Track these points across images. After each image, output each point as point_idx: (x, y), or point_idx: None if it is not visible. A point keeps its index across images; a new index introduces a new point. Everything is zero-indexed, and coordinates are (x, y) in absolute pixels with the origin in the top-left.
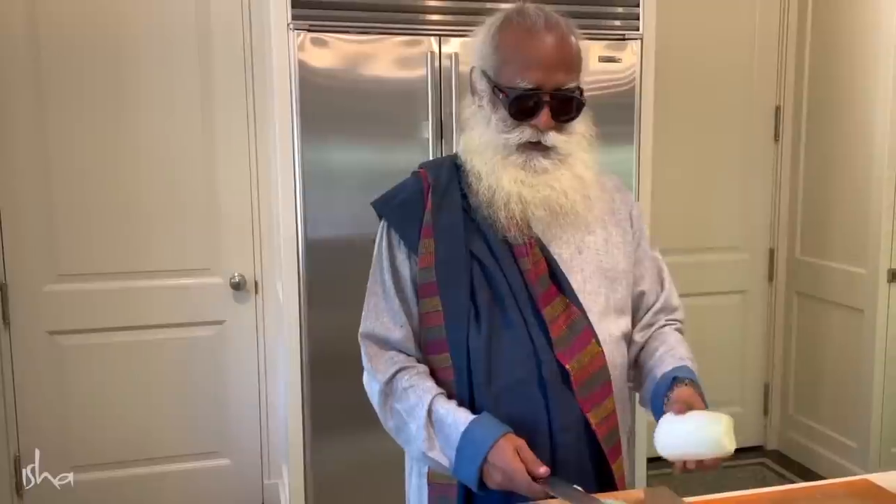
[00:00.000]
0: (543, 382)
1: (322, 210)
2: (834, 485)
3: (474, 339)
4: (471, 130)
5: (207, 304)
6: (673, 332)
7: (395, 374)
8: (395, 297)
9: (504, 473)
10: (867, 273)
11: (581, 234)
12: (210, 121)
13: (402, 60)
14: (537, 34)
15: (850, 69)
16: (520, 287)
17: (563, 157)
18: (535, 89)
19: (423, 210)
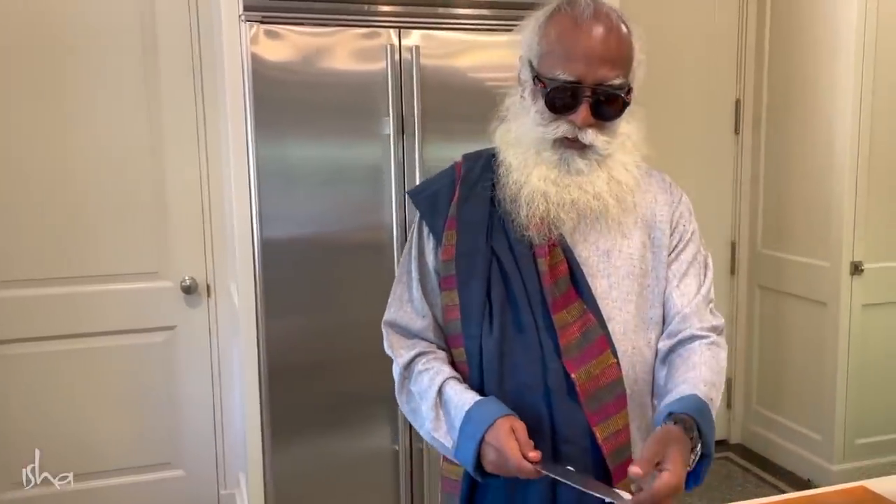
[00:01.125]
0: (548, 390)
1: (279, 208)
2: (831, 493)
3: (487, 338)
4: (508, 122)
5: (157, 309)
6: (703, 346)
7: (415, 357)
8: (419, 288)
9: (498, 452)
10: (829, 266)
11: (613, 237)
12: (157, 117)
13: (360, 53)
14: (583, 25)
15: (810, 62)
16: (535, 289)
17: (601, 159)
18: (575, 82)
19: (451, 201)
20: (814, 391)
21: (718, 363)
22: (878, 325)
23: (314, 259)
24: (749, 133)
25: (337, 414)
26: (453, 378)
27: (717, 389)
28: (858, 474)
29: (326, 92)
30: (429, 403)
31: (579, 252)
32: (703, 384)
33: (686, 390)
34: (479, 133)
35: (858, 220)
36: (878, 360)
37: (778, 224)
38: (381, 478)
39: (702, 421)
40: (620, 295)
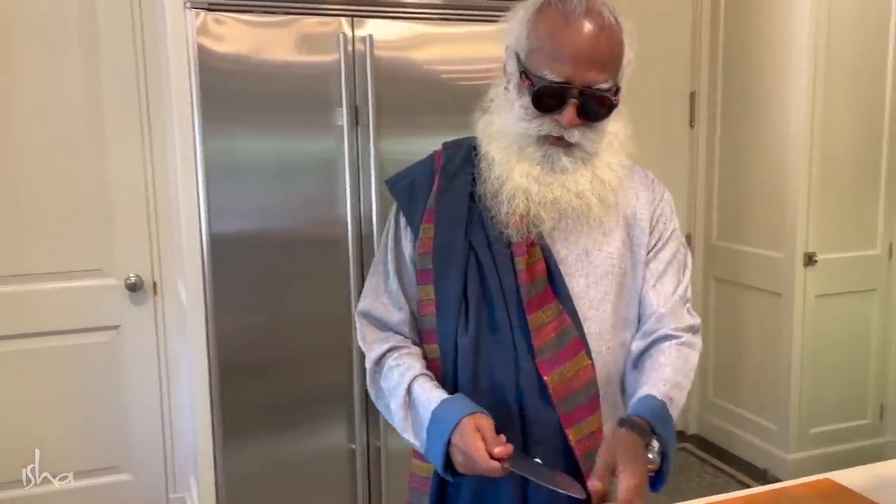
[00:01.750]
0: (520, 390)
1: (227, 202)
2: (797, 486)
3: (462, 335)
4: (491, 114)
5: (101, 308)
6: (674, 347)
7: (387, 352)
8: (396, 280)
9: (464, 454)
10: (784, 257)
11: (593, 236)
12: (98, 109)
13: (311, 43)
14: (573, 23)
15: (764, 55)
16: (511, 287)
17: (587, 157)
18: (563, 83)
19: (429, 192)
20: (769, 381)
21: (686, 363)
22: (831, 315)
23: (265, 255)
24: (704, 126)
25: (290, 413)
26: (423, 375)
27: (681, 388)
28: (813, 463)
29: (277, 83)
30: (398, 401)
31: (558, 250)
32: (664, 384)
33: (644, 391)
34: (434, 125)
35: (812, 212)
36: (830, 350)
37: (733, 216)
38: (337, 477)
39: (656, 421)
40: (598, 294)
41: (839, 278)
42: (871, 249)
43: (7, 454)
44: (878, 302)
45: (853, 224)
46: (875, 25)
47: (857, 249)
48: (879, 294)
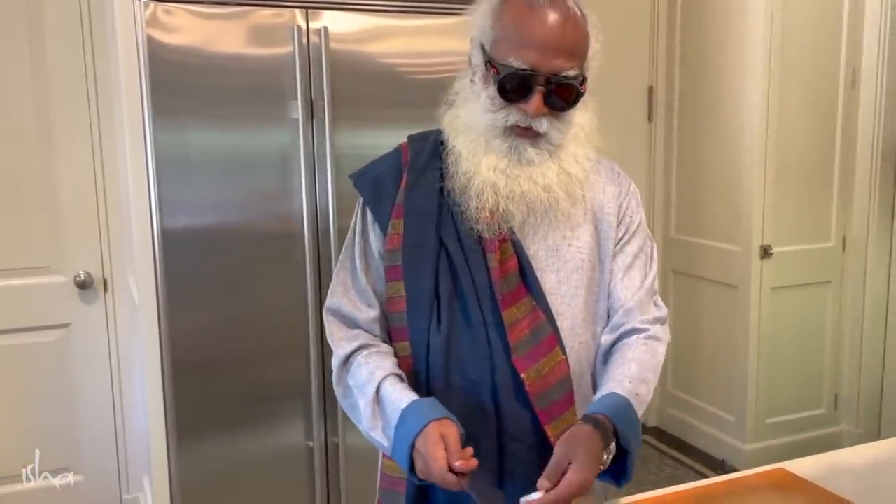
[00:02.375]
0: (495, 387)
1: (180, 197)
2: (752, 476)
3: (435, 333)
4: (457, 107)
5: (49, 306)
6: (640, 341)
7: (355, 350)
8: (364, 277)
9: (424, 461)
10: (740, 250)
11: (562, 231)
12: (44, 102)
13: (265, 35)
14: (538, 11)
15: (721, 49)
16: (484, 285)
17: (553, 149)
18: (529, 71)
19: (397, 187)
20: (726, 373)
21: (653, 357)
22: (787, 307)
23: (219, 250)
24: (662, 120)
25: (246, 411)
26: (394, 375)
27: (648, 383)
28: (769, 452)
29: (230, 75)
30: (366, 399)
31: (528, 246)
32: (629, 380)
33: (609, 388)
34: (391, 119)
35: (767, 206)
36: (786, 341)
37: (691, 210)
38: (295, 475)
39: (620, 420)
40: (569, 290)
41: (794, 271)
42: (825, 242)
43: None
44: (832, 294)
45: (808, 217)
46: (828, 22)
47: (811, 242)
48: (833, 286)
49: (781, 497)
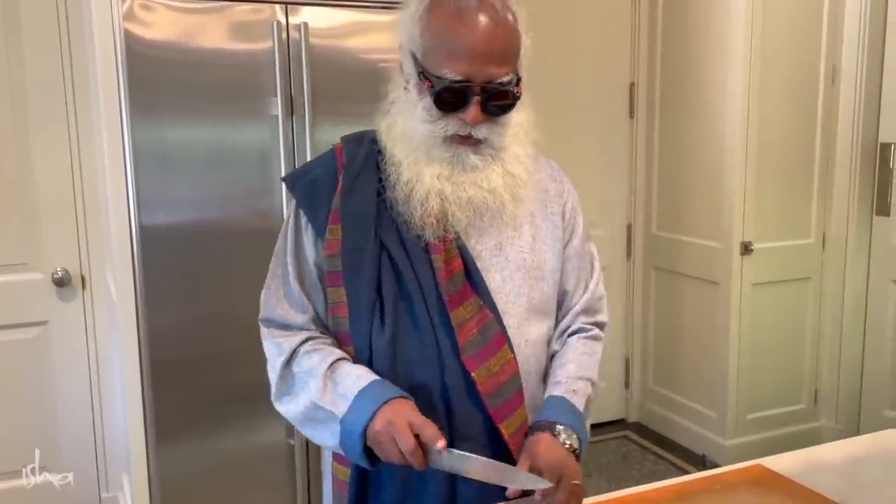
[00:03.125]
0: (446, 388)
1: (158, 194)
2: (730, 472)
3: (378, 337)
4: (393, 116)
5: (26, 304)
6: (580, 341)
7: (303, 342)
8: (297, 284)
9: (390, 423)
10: (721, 247)
11: (506, 229)
12: (21, 95)
13: (244, 30)
14: (467, 20)
15: (702, 46)
16: (430, 286)
17: (495, 152)
18: (464, 82)
19: (333, 191)
20: (707, 369)
21: (592, 354)
22: (767, 303)
23: (198, 247)
24: (644, 117)
25: (226, 409)
26: (348, 360)
27: (585, 379)
28: (750, 448)
29: (209, 71)
30: (317, 374)
31: (472, 246)
32: (566, 380)
33: (547, 394)
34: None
35: (748, 202)
36: (767, 337)
37: (672, 206)
38: (275, 474)
39: (558, 415)
40: (514, 288)
41: (775, 267)
42: (805, 239)
43: None
44: (812, 290)
45: (788, 214)
46: (809, 19)
47: (791, 239)
48: (813, 282)
49: (759, 494)
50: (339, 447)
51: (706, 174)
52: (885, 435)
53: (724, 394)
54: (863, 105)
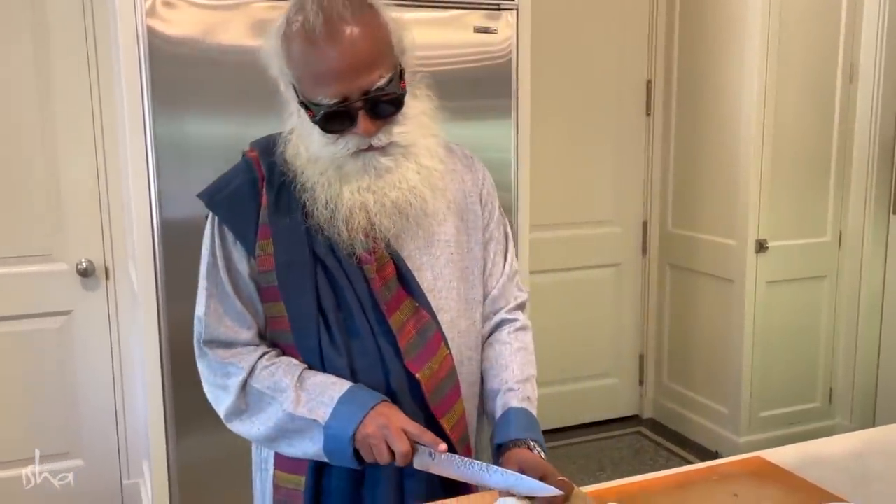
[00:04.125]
0: (392, 392)
1: (178, 188)
2: (729, 464)
3: (327, 347)
4: (295, 144)
5: (52, 293)
6: (511, 335)
7: (259, 358)
8: (237, 299)
9: (388, 420)
10: (736, 244)
11: (430, 226)
12: (47, 91)
13: (263, 27)
14: (319, 42)
15: (719, 44)
16: (365, 294)
17: (405, 149)
18: (341, 102)
19: (258, 206)
20: (721, 366)
21: (527, 349)
22: (782, 301)
23: None
24: (660, 114)
25: None
26: (308, 370)
27: (530, 379)
28: (763, 445)
29: (229, 67)
30: (285, 386)
31: (402, 246)
32: (517, 386)
33: (503, 403)
34: None
35: (763, 200)
36: (781, 335)
37: (688, 204)
38: None
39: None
40: (444, 284)
41: (790, 265)
42: (821, 237)
43: None
44: (827, 289)
45: (804, 212)
46: (827, 16)
47: (807, 237)
48: (829, 281)
49: (757, 485)
50: (322, 452)
51: (722, 172)
52: (887, 430)
53: (737, 391)
54: (880, 103)
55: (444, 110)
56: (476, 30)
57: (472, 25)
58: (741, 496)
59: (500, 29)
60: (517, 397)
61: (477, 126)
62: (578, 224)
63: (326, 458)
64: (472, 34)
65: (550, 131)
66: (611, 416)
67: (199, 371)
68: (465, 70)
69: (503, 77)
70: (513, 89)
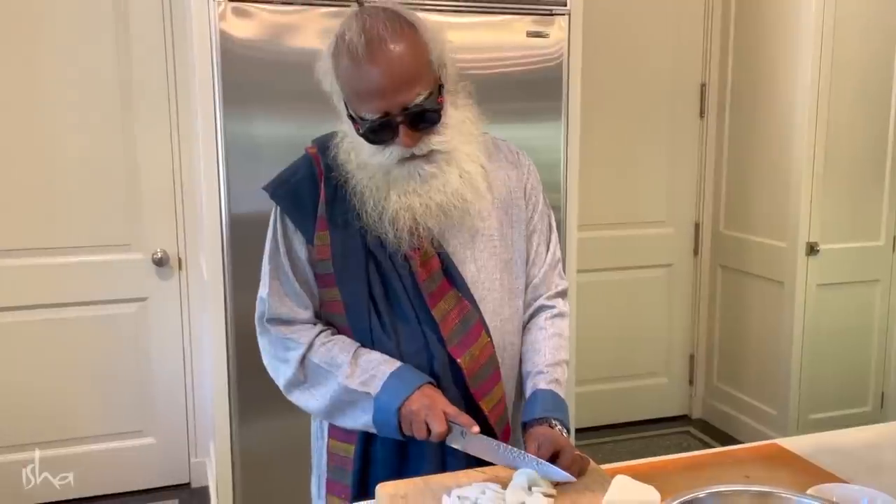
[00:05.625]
0: (435, 374)
1: (246, 185)
2: (744, 449)
3: (377, 330)
4: (346, 150)
5: (129, 281)
6: (547, 322)
7: (317, 335)
8: (296, 281)
9: (431, 401)
10: (787, 246)
11: (474, 223)
12: (128, 91)
13: (328, 32)
14: (363, 64)
15: (774, 47)
16: (411, 286)
17: (447, 156)
18: (382, 117)
19: (317, 199)
20: (771, 368)
21: (561, 337)
22: (832, 305)
23: None
24: (714, 117)
25: None
26: (362, 348)
27: (561, 364)
28: None
29: (293, 70)
30: (341, 361)
31: (446, 242)
32: (547, 368)
33: (533, 385)
34: None
35: (815, 203)
36: (830, 339)
37: (740, 206)
38: None
39: (555, 412)
40: (488, 276)
41: (841, 268)
42: (874, 241)
43: (44, 417)
44: (880, 292)
45: (857, 215)
46: (882, 18)
47: (860, 240)
48: (882, 285)
49: (767, 468)
50: (371, 422)
51: (774, 174)
52: None
53: (786, 393)
54: None
55: (496, 112)
56: (529, 34)
57: (525, 30)
58: (752, 477)
59: (552, 33)
60: (545, 380)
61: (528, 128)
62: (631, 224)
63: (375, 430)
64: (524, 38)
65: (603, 133)
66: (660, 415)
67: (261, 346)
68: (518, 73)
69: (554, 80)
70: (563, 92)
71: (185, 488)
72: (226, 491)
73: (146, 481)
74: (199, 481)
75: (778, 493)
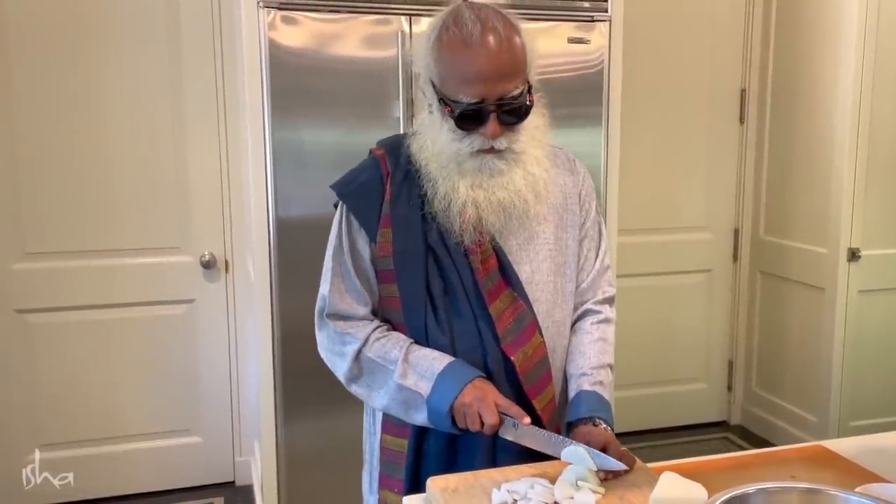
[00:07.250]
0: (489, 372)
1: (293, 189)
2: (789, 450)
3: (432, 326)
4: (423, 135)
5: (177, 283)
6: (593, 326)
7: (373, 330)
8: (357, 278)
9: (483, 394)
10: (827, 252)
11: (532, 226)
12: (179, 98)
13: (372, 40)
14: (475, 46)
15: (814, 53)
16: (469, 282)
17: (516, 157)
18: (478, 103)
19: (382, 198)
20: (810, 374)
21: (606, 339)
22: (874, 311)
23: (326, 238)
24: (754, 123)
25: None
26: (415, 344)
27: (605, 367)
28: None
29: (339, 77)
30: (394, 358)
31: (503, 242)
32: (591, 372)
33: (577, 387)
34: None
35: (856, 209)
36: (872, 346)
37: (780, 211)
38: None
39: (598, 412)
40: (542, 278)
41: (884, 274)
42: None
43: (93, 414)
44: None
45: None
46: None
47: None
48: None
49: (812, 469)
50: (428, 420)
51: (814, 180)
52: None
53: (826, 400)
54: None
55: None
56: (570, 40)
57: (567, 36)
58: (798, 477)
59: (593, 39)
60: (589, 381)
61: (569, 133)
62: (670, 230)
63: (432, 424)
64: (566, 44)
65: (643, 139)
66: (699, 420)
67: (318, 340)
68: (559, 79)
69: (595, 86)
70: (604, 98)
71: (229, 486)
72: (270, 489)
73: (192, 479)
74: (243, 480)
75: (826, 490)
